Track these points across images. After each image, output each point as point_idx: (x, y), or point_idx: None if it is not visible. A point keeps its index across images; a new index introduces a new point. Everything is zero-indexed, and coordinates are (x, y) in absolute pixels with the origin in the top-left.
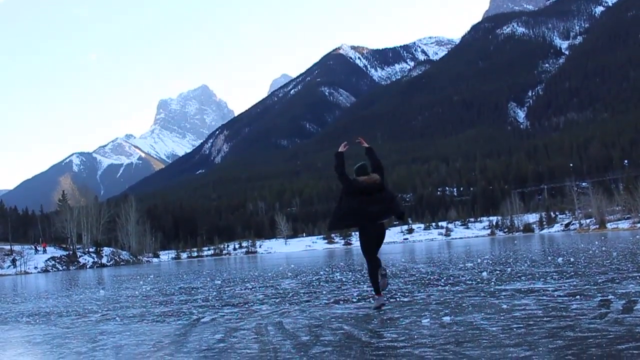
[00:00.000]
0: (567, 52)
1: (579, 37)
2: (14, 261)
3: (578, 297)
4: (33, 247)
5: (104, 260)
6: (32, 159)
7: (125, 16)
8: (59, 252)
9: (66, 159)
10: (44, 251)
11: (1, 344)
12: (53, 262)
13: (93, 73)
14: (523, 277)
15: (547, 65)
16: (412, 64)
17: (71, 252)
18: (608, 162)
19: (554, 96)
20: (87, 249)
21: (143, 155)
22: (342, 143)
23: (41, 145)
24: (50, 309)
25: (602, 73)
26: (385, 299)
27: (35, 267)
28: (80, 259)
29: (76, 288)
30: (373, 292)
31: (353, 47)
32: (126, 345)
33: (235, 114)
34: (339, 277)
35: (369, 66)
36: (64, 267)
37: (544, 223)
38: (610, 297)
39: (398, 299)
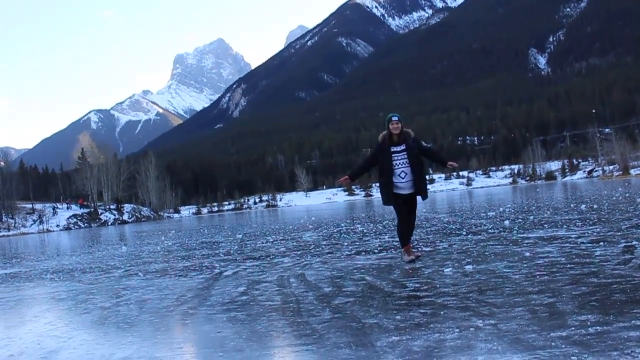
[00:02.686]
0: None
1: None
2: (40, 217)
3: (602, 243)
4: (52, 207)
5: (125, 217)
6: (50, 118)
7: None
8: (80, 210)
9: (84, 116)
10: (68, 207)
11: (27, 300)
12: (75, 219)
13: (108, 30)
14: (546, 225)
15: (568, 9)
16: (430, 11)
17: (92, 210)
18: (631, 107)
19: (575, 41)
20: (108, 206)
21: (161, 110)
22: (342, 180)
23: (59, 104)
24: (73, 265)
25: (624, 16)
26: (414, 256)
27: (57, 225)
28: (102, 216)
29: (98, 245)
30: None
31: None
32: (150, 300)
33: (252, 67)
34: (360, 229)
35: (386, 15)
36: (85, 224)
37: (567, 170)
38: (634, 242)
39: (420, 249)
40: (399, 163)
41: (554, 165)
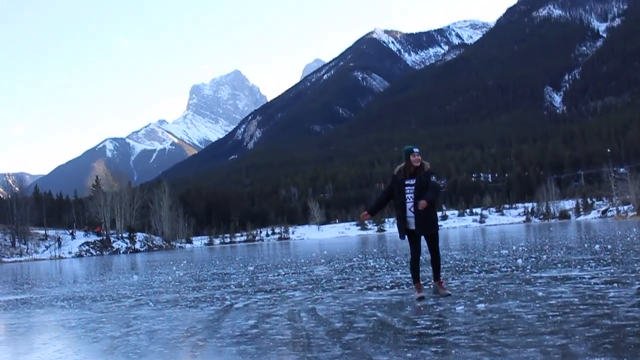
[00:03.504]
0: (604, 35)
1: (617, 19)
2: (59, 242)
3: (615, 284)
4: (69, 232)
5: (137, 246)
6: (66, 145)
7: (157, 1)
8: (92, 237)
9: (100, 144)
10: (86, 234)
11: (37, 327)
12: (87, 247)
13: (125, 59)
14: (559, 265)
15: (584, 48)
16: (446, 48)
17: (105, 237)
18: None
19: (591, 80)
20: (120, 234)
21: (176, 140)
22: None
23: (75, 131)
24: (84, 293)
25: None
26: (425, 294)
27: (70, 252)
28: (114, 244)
29: (110, 273)
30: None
31: (386, 32)
32: (160, 330)
33: (268, 100)
34: (372, 264)
35: (402, 50)
36: (97, 252)
37: (581, 210)
38: None
39: (432, 286)
40: (410, 197)
41: (568, 204)
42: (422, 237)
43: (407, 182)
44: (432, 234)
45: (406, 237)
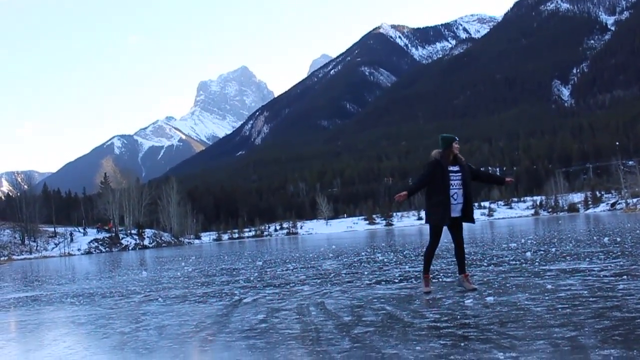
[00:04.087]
0: (613, 28)
1: (625, 12)
2: (71, 236)
3: (625, 277)
4: (82, 229)
5: (146, 242)
6: (74, 142)
7: None
8: (102, 234)
9: (108, 141)
10: (99, 231)
11: (47, 324)
12: (96, 243)
13: (133, 56)
14: (568, 257)
15: (592, 41)
16: (453, 42)
17: (114, 234)
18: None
19: (599, 73)
20: (129, 231)
21: (183, 137)
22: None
23: (83, 129)
24: (93, 290)
25: None
26: (432, 289)
27: (79, 249)
28: (123, 241)
29: (119, 269)
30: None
31: (393, 26)
32: (169, 326)
33: (275, 95)
34: (380, 258)
35: (409, 45)
36: (106, 248)
37: (589, 203)
38: None
39: (441, 280)
40: (454, 184)
41: (577, 197)
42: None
43: (450, 169)
44: (459, 223)
45: (430, 225)
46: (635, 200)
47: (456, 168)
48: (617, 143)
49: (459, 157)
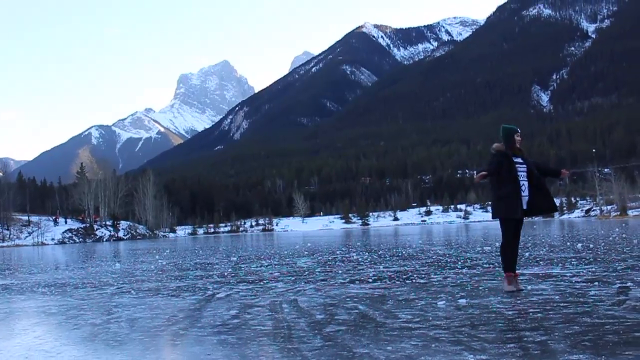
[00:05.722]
0: (593, 36)
1: (606, 20)
2: (55, 221)
3: (596, 283)
4: (63, 218)
5: (121, 234)
6: (51, 131)
7: None
8: (75, 225)
9: (85, 131)
10: (83, 222)
11: (17, 313)
12: (70, 234)
13: (114, 46)
14: (541, 262)
15: (572, 48)
16: (435, 44)
17: (88, 225)
18: (632, 148)
19: (578, 80)
20: (104, 222)
21: (162, 129)
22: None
23: (61, 118)
24: (66, 280)
25: (628, 58)
26: (516, 285)
27: (52, 239)
28: (97, 232)
29: (92, 260)
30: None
31: (376, 26)
32: (141, 319)
33: (256, 91)
34: (355, 257)
35: (391, 45)
36: (80, 239)
37: (565, 208)
38: (629, 284)
39: (414, 281)
40: (520, 175)
41: None
42: None
43: (516, 160)
44: (521, 219)
45: (500, 220)
46: (609, 207)
47: (520, 160)
48: (594, 150)
49: (520, 148)
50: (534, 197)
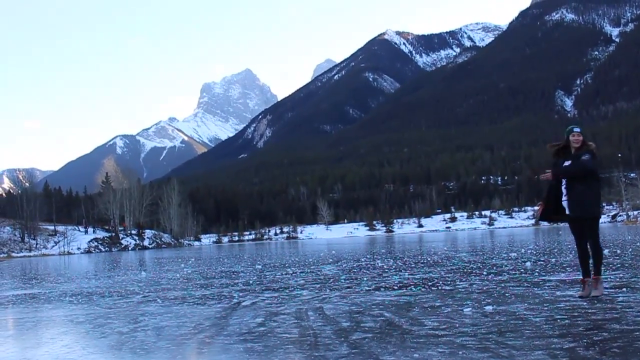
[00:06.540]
0: (617, 40)
1: (630, 24)
2: (86, 230)
3: (624, 289)
4: (82, 228)
5: (146, 243)
6: (76, 142)
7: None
8: (101, 234)
9: (110, 141)
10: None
11: (44, 322)
12: (96, 243)
13: (138, 57)
14: (568, 268)
15: (596, 52)
16: (457, 50)
17: (114, 234)
18: None
19: (602, 85)
20: (129, 231)
21: (186, 138)
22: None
23: (86, 128)
24: (92, 289)
25: None
26: (591, 291)
27: (79, 248)
28: (123, 241)
29: (118, 269)
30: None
31: (398, 33)
32: (167, 327)
33: (279, 99)
34: (380, 264)
35: (413, 52)
36: (106, 248)
37: None
38: None
39: (440, 288)
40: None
41: None
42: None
43: (565, 165)
44: (586, 218)
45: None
46: (636, 212)
47: (568, 162)
48: (620, 155)
49: (584, 149)
50: (571, 200)
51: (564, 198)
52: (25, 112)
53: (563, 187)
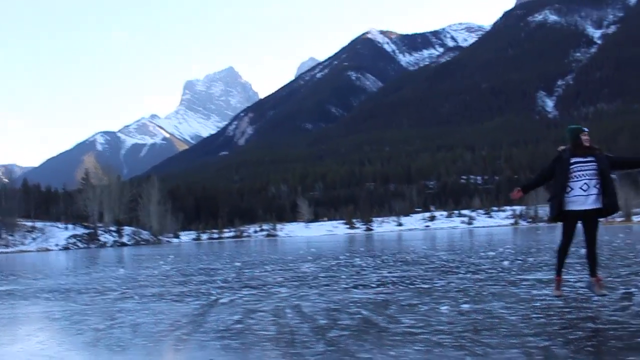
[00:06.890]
0: (599, 42)
1: (612, 26)
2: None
3: None
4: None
5: (125, 240)
6: (56, 138)
7: None
8: (80, 230)
9: (90, 137)
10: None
11: (20, 318)
12: (74, 239)
13: (120, 53)
14: (545, 267)
15: (578, 54)
16: (441, 50)
17: (92, 230)
18: (637, 154)
19: (584, 86)
20: (108, 228)
21: (167, 135)
22: (515, 194)
23: (66, 124)
24: (69, 285)
25: (634, 64)
26: (562, 293)
27: (57, 245)
28: (101, 237)
29: (96, 266)
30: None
31: (382, 32)
32: (144, 324)
33: (261, 97)
34: (358, 263)
35: (397, 51)
36: (84, 244)
37: None
38: (632, 290)
39: (417, 286)
40: (583, 174)
41: None
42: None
43: (574, 161)
44: (592, 219)
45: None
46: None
47: (588, 158)
48: None
49: (592, 147)
50: (603, 196)
51: (589, 192)
52: (4, 108)
53: (587, 181)
